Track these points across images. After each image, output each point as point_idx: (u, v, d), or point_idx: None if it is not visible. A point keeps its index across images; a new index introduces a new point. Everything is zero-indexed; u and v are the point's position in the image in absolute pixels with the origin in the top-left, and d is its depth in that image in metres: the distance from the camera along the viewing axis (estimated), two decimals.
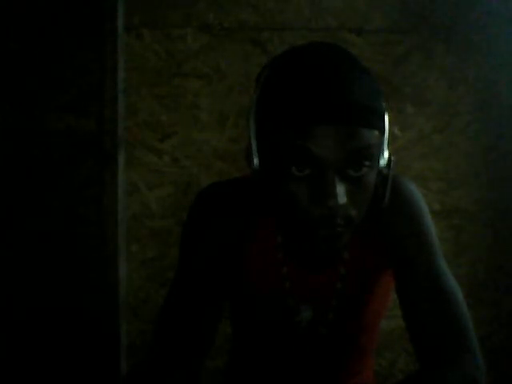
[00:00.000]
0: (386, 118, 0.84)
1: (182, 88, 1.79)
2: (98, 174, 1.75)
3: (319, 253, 0.83)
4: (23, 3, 1.72)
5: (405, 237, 0.94)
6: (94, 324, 1.77)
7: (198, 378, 0.94)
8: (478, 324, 0.90)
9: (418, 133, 1.83)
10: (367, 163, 0.80)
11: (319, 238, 0.82)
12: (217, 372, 1.75)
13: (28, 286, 1.76)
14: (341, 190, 0.79)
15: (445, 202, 1.85)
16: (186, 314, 0.93)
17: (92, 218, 1.76)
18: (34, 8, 1.72)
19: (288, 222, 0.85)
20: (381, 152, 0.84)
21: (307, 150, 0.78)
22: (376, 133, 0.81)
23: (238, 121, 1.79)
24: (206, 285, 0.95)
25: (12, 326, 1.77)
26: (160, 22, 1.77)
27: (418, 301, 0.90)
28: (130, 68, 1.78)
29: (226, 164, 1.80)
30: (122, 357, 1.80)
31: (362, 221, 0.85)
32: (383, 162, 0.85)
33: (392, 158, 0.86)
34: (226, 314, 1.04)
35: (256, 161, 0.85)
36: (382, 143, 0.84)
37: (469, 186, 1.85)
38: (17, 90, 1.74)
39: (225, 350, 1.22)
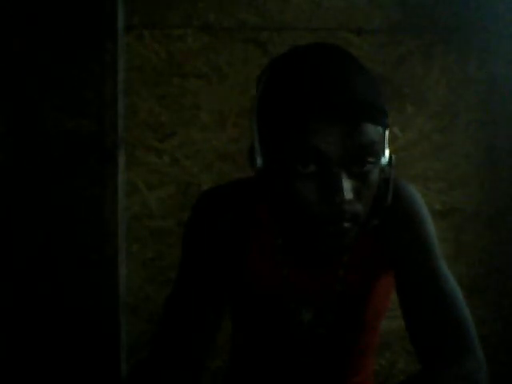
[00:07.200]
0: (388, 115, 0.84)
1: (182, 88, 1.79)
2: (98, 174, 1.75)
3: (325, 249, 0.83)
4: (23, 3, 1.72)
5: (405, 238, 0.94)
6: (94, 324, 1.77)
7: (200, 377, 0.94)
8: (478, 324, 0.90)
9: (418, 133, 1.83)
10: (371, 159, 0.81)
11: (326, 235, 0.82)
12: (217, 372, 1.75)
13: (28, 285, 1.76)
14: (347, 185, 0.79)
15: (445, 201, 1.85)
16: (188, 314, 0.93)
17: (92, 218, 1.76)
18: (35, 8, 1.72)
19: (293, 220, 0.84)
20: (383, 150, 0.85)
21: (312, 147, 0.78)
22: (380, 129, 0.81)
23: (238, 121, 1.79)
24: (207, 285, 0.95)
25: (12, 325, 1.77)
26: (160, 22, 1.77)
27: (419, 302, 0.90)
28: (130, 68, 1.78)
29: (226, 164, 1.79)
30: (122, 357, 1.81)
31: (366, 218, 0.85)
32: (384, 160, 0.85)
33: (393, 157, 0.86)
34: (227, 314, 1.04)
35: (260, 160, 0.85)
36: (384, 140, 0.84)
37: (469, 186, 1.85)
38: (17, 91, 1.74)
39: (225, 350, 1.22)
